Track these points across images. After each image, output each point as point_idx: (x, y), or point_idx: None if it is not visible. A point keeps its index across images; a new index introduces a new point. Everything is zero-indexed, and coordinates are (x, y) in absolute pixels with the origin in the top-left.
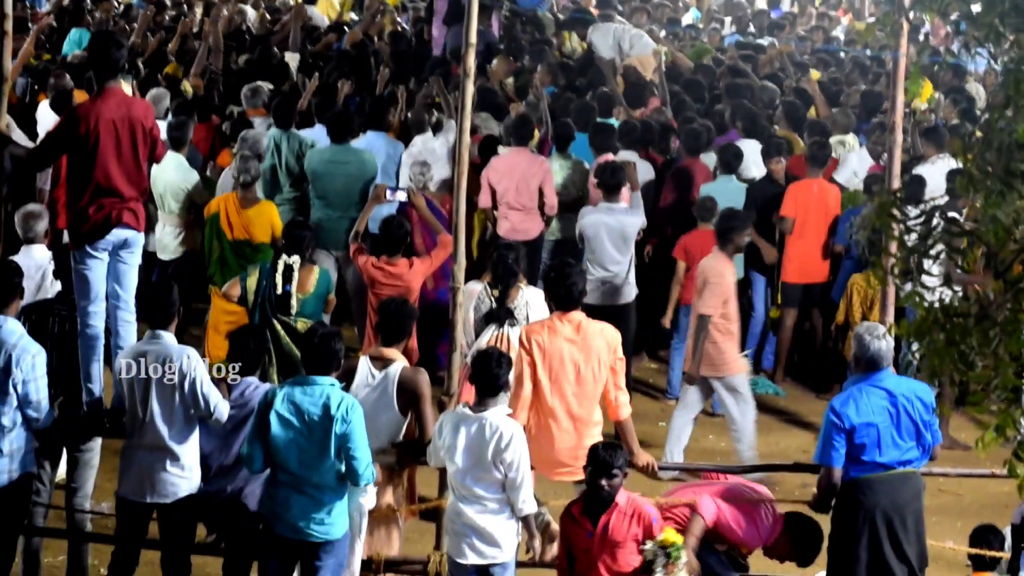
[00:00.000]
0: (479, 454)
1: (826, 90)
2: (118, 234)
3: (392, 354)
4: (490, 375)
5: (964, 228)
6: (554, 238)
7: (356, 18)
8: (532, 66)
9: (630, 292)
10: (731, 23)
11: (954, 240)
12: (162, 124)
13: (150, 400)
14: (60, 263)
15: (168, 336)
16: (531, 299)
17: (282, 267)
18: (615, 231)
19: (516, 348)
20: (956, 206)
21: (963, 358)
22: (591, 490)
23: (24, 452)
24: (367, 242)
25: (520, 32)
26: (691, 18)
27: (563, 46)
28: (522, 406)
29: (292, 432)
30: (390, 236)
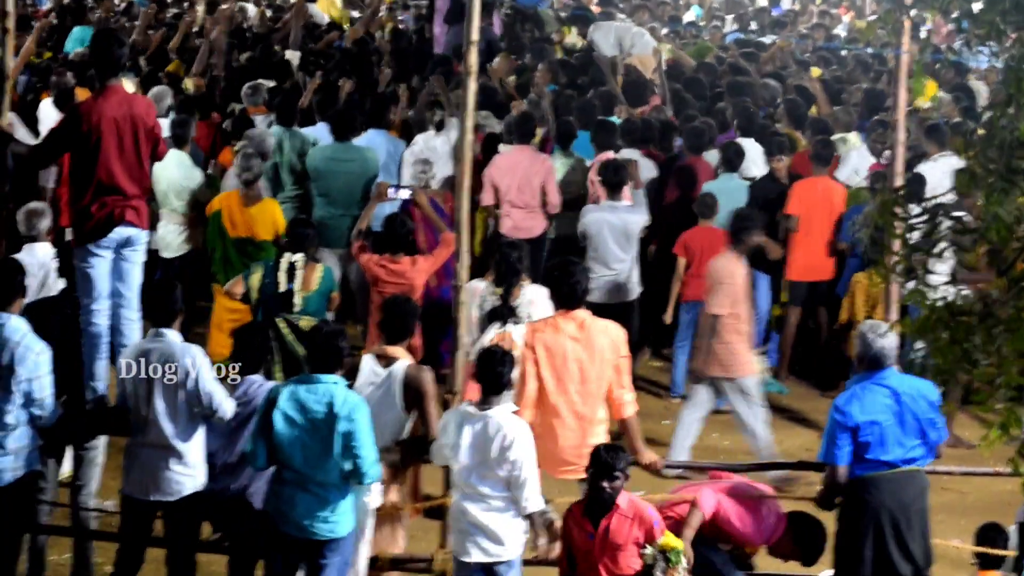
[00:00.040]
0: (483, 452)
1: (828, 88)
2: (121, 232)
3: (396, 352)
4: (494, 373)
5: (969, 226)
6: (551, 236)
7: (356, 15)
8: (533, 64)
9: (634, 290)
10: (732, 21)
11: (960, 238)
12: (164, 122)
13: (153, 398)
14: (63, 261)
15: (172, 334)
16: (534, 297)
17: (285, 265)
18: (618, 229)
19: (520, 346)
20: (963, 204)
21: (967, 356)
22: (592, 492)
23: (29, 450)
24: (370, 240)
25: (521, 30)
26: (692, 16)
27: (563, 40)
28: (526, 404)
29: (297, 430)
30: (393, 234)
